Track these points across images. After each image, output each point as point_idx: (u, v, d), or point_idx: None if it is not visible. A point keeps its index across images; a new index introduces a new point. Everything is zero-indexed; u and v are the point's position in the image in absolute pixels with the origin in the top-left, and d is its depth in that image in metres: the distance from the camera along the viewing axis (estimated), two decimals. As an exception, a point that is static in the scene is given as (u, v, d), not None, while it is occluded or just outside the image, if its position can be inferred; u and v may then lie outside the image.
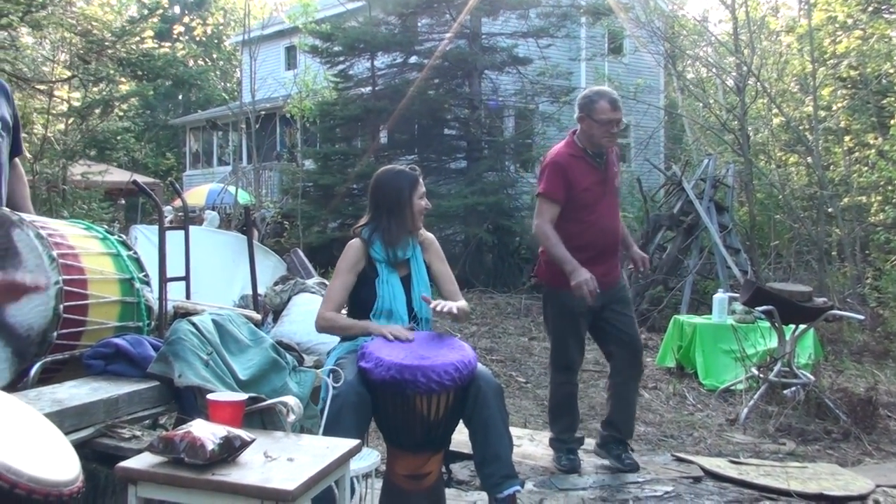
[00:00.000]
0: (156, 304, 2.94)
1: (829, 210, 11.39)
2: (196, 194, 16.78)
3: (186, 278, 3.66)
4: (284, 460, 1.96)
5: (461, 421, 2.86)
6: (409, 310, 3.04)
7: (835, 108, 12.16)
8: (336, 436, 2.34)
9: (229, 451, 1.89)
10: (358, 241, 3.10)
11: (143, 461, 1.91)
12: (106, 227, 3.14)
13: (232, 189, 15.25)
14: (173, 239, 3.61)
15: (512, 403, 5.49)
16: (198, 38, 22.20)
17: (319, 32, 14.56)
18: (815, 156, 11.36)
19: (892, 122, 11.00)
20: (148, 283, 2.86)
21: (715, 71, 14.29)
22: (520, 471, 3.42)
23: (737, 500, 3.57)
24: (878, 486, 3.77)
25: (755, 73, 11.78)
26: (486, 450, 2.79)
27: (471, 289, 11.29)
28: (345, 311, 3.13)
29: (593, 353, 4.26)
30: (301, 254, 7.27)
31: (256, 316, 3.30)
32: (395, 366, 2.64)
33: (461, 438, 2.98)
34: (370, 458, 2.73)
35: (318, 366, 3.10)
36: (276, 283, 4.88)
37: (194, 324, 2.60)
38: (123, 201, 17.13)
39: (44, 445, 1.61)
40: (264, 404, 2.38)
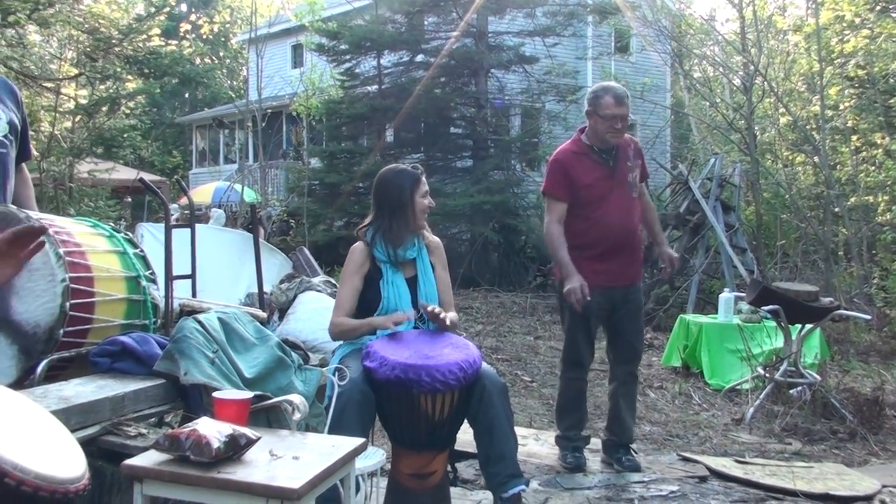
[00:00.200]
0: (162, 302, 2.94)
1: (836, 210, 11.33)
2: (202, 192, 16.84)
3: (192, 276, 3.66)
4: (290, 458, 1.96)
5: (466, 420, 2.86)
6: (416, 311, 3.03)
7: (842, 107, 12.09)
8: (341, 434, 2.34)
9: (235, 449, 1.90)
10: (361, 244, 3.10)
11: (148, 459, 1.91)
12: (112, 224, 3.15)
13: (238, 187, 15.29)
14: (179, 237, 3.61)
15: (517, 402, 5.49)
16: (205, 36, 22.21)
17: (326, 31, 14.58)
18: (821, 155, 11.31)
19: (900, 121, 10.96)
20: (154, 281, 2.87)
21: (722, 70, 14.28)
22: (525, 470, 3.42)
23: (742, 499, 3.56)
24: (884, 486, 3.75)
25: (762, 72, 11.76)
26: (491, 449, 2.79)
27: (476, 288, 11.29)
28: None
29: (600, 352, 4.25)
30: (307, 252, 7.27)
31: (262, 314, 3.30)
32: (399, 365, 2.64)
33: (466, 437, 2.98)
34: (375, 457, 2.73)
35: (323, 364, 3.10)
36: (281, 282, 4.90)
37: (200, 322, 2.60)
38: (130, 199, 17.18)
39: (50, 443, 1.61)
40: (270, 402, 2.39)
